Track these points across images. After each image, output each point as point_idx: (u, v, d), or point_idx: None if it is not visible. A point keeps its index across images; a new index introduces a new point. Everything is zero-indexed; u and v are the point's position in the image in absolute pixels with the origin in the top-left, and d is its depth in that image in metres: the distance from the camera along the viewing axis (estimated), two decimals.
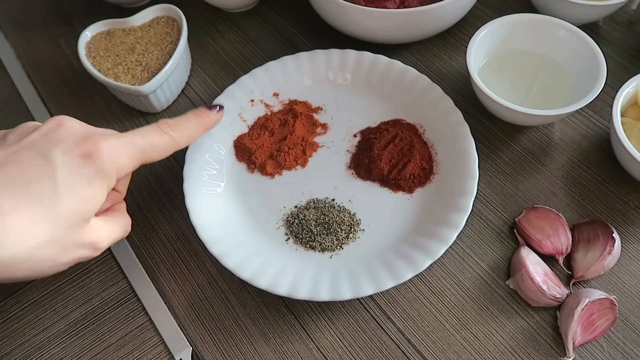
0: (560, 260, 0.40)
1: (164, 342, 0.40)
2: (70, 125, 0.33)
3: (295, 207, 0.44)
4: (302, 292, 0.38)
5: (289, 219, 0.43)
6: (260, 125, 0.48)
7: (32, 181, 0.30)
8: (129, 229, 0.38)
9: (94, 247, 0.33)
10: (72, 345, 0.40)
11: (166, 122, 0.37)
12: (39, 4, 0.62)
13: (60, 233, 0.31)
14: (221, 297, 0.41)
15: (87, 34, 0.51)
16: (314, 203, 0.43)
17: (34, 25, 0.60)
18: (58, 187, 0.30)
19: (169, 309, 0.41)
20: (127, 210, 0.39)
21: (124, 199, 0.39)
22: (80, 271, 0.43)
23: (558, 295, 0.38)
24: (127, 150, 0.34)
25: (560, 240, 0.40)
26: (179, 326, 0.40)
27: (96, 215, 0.34)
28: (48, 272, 0.32)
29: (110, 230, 0.35)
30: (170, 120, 0.37)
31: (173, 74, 0.49)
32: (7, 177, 0.30)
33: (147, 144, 0.35)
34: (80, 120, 0.35)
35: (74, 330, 0.40)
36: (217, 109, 0.42)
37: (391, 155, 0.45)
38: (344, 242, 0.42)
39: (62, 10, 0.61)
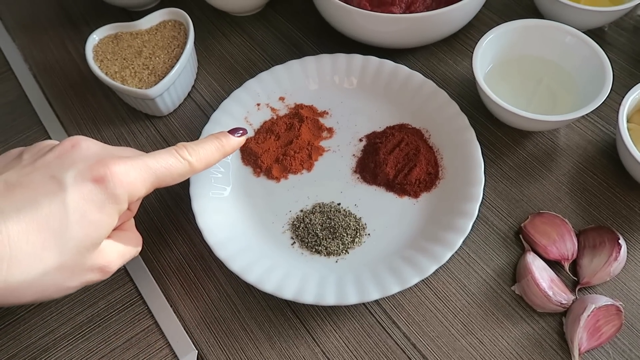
0: (566, 266, 0.40)
1: (169, 345, 0.40)
2: (85, 147, 0.33)
3: (301, 211, 0.44)
4: (308, 297, 0.38)
5: (295, 223, 0.43)
6: (266, 129, 0.48)
7: (42, 205, 0.29)
8: (140, 247, 0.37)
9: (103, 271, 0.33)
10: (78, 348, 0.40)
11: (184, 145, 0.36)
12: (46, 7, 0.63)
13: (69, 258, 0.30)
14: (227, 300, 0.41)
15: (95, 38, 0.51)
16: (320, 207, 0.44)
17: (42, 28, 0.61)
18: (68, 212, 0.30)
19: (175, 312, 0.41)
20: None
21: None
22: None
23: (564, 301, 0.38)
24: (140, 174, 0.33)
25: (566, 246, 0.40)
26: (184, 329, 0.40)
27: (107, 237, 0.34)
28: (54, 297, 0.32)
29: (120, 252, 0.34)
30: (189, 144, 0.36)
31: (180, 77, 0.49)
32: (17, 200, 0.29)
33: (163, 168, 0.34)
34: (88, 123, 0.35)
35: (80, 333, 0.41)
36: (240, 133, 0.40)
37: (397, 160, 0.45)
38: (349, 246, 0.42)
39: (69, 13, 0.62)
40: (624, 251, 0.40)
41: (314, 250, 0.42)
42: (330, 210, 0.43)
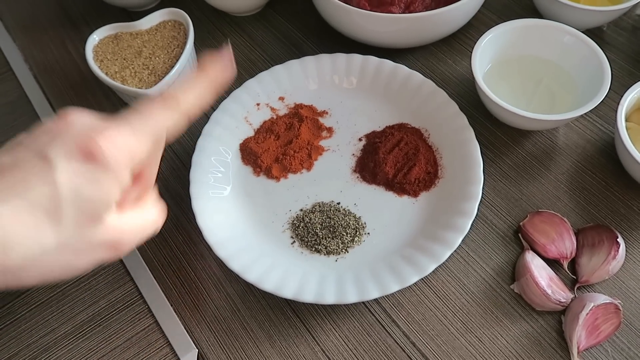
0: (565, 264, 0.40)
1: (169, 344, 0.40)
2: (74, 121, 0.30)
3: (301, 210, 0.44)
4: (308, 296, 0.38)
5: (295, 222, 0.43)
6: (266, 129, 0.48)
7: (32, 185, 0.28)
8: (161, 220, 0.34)
9: (114, 248, 0.30)
10: (79, 347, 0.40)
11: (171, 94, 0.32)
12: (46, 7, 0.63)
13: (69, 237, 0.29)
14: (227, 299, 0.42)
15: (95, 38, 0.51)
16: (320, 206, 0.44)
17: (42, 28, 0.61)
18: (60, 191, 0.28)
19: (175, 311, 0.41)
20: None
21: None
22: (87, 273, 0.43)
23: (563, 300, 0.38)
24: (132, 140, 0.30)
25: (564, 244, 0.41)
26: (184, 328, 0.40)
27: (119, 208, 0.31)
28: (64, 277, 0.30)
29: (134, 224, 0.32)
30: (177, 92, 0.32)
31: (179, 77, 0.49)
32: (8, 181, 0.28)
33: (155, 126, 0.31)
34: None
35: (80, 332, 0.41)
36: (223, 51, 0.34)
37: (396, 159, 0.45)
38: (349, 245, 0.42)
39: (69, 13, 0.62)
40: (622, 250, 0.40)
41: (313, 249, 0.42)
42: (330, 210, 0.43)
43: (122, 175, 0.30)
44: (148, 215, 0.33)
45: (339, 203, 0.44)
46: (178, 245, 0.44)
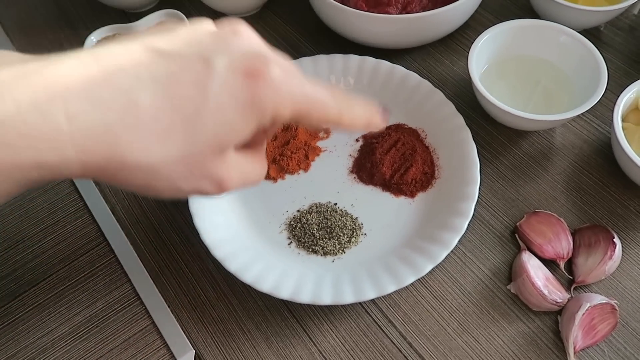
0: (562, 264, 0.40)
1: (167, 345, 0.40)
2: (246, 36, 0.28)
3: (298, 211, 0.44)
4: (305, 296, 0.38)
5: (292, 223, 0.43)
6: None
7: (182, 84, 0.26)
8: (263, 177, 0.32)
9: (220, 185, 0.28)
10: (76, 348, 0.40)
11: (337, 91, 0.31)
12: (44, 9, 0.63)
13: (192, 153, 0.26)
14: (224, 300, 0.42)
15: (93, 39, 0.51)
16: (317, 207, 0.44)
17: (40, 30, 0.61)
18: (207, 101, 0.26)
19: (172, 312, 0.41)
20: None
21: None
22: (84, 274, 0.43)
23: (559, 300, 0.38)
24: (295, 91, 0.28)
25: (561, 244, 0.41)
26: (182, 329, 0.41)
27: (241, 147, 0.29)
28: (161, 193, 0.28)
29: (243, 171, 0.30)
30: (345, 95, 0.31)
31: None
32: (158, 71, 0.25)
33: (318, 102, 0.29)
34: None
35: (78, 333, 0.41)
36: (384, 114, 0.34)
37: (393, 160, 0.45)
38: (346, 246, 0.42)
39: (67, 15, 0.62)
40: (618, 250, 0.40)
41: (310, 250, 0.42)
42: (327, 210, 0.43)
43: (265, 117, 0.27)
44: (256, 167, 0.31)
45: (336, 204, 0.44)
46: (175, 246, 0.44)
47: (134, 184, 0.27)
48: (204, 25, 0.29)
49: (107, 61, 0.25)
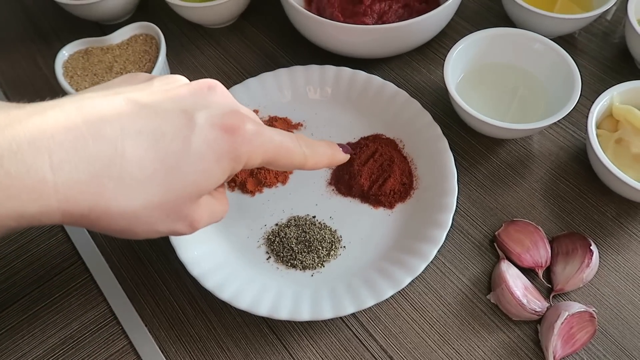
0: (540, 273, 0.40)
1: None
2: (221, 92, 0.31)
3: (276, 224, 0.43)
4: (283, 313, 0.38)
5: (270, 237, 0.43)
6: None
7: (166, 136, 0.27)
8: (225, 214, 0.35)
9: (191, 225, 0.30)
10: None
11: (301, 136, 0.34)
12: (16, 22, 0.62)
13: (171, 200, 0.28)
14: (202, 317, 0.41)
15: (64, 54, 0.50)
16: (295, 220, 0.43)
17: (12, 43, 0.60)
18: (189, 152, 0.28)
19: (150, 332, 0.41)
20: None
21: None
22: (59, 294, 0.42)
23: (538, 309, 0.38)
24: (265, 142, 0.31)
25: (539, 253, 0.41)
26: (159, 349, 0.40)
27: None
28: (139, 237, 0.29)
29: (212, 211, 0.32)
30: (307, 138, 0.35)
31: None
32: (142, 123, 0.27)
33: (284, 148, 0.32)
34: None
35: (52, 356, 0.40)
36: (345, 149, 0.38)
37: (371, 171, 0.45)
38: (325, 259, 0.41)
39: (40, 28, 0.61)
40: (596, 257, 0.40)
41: (289, 264, 0.41)
42: (306, 224, 0.43)
43: (239, 165, 0.30)
44: (222, 205, 0.34)
45: (314, 217, 0.44)
46: (152, 263, 0.44)
47: (114, 230, 0.28)
48: (177, 77, 0.32)
49: (91, 113, 0.26)
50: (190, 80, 0.32)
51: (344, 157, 0.38)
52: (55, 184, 0.24)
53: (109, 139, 0.26)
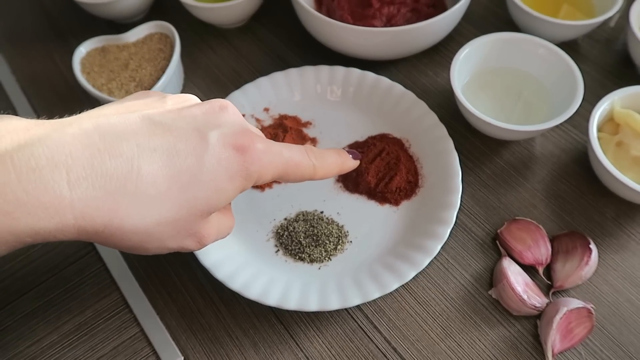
0: (541, 270, 0.42)
1: (155, 352, 0.40)
2: (232, 112, 0.32)
3: (285, 219, 0.45)
4: (291, 303, 0.39)
5: (279, 231, 0.44)
6: None
7: (180, 154, 0.28)
8: (232, 230, 0.36)
9: (200, 242, 0.31)
10: (65, 357, 0.40)
11: (310, 148, 0.35)
12: (34, 19, 0.64)
13: (183, 217, 0.29)
14: (212, 307, 0.42)
15: (82, 50, 0.52)
16: (303, 215, 0.45)
17: (29, 40, 0.61)
18: (202, 170, 0.29)
19: (161, 320, 0.42)
20: None
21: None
22: (73, 282, 0.44)
23: (538, 305, 0.39)
24: (274, 160, 0.32)
25: (540, 251, 0.42)
26: (170, 337, 0.41)
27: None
28: (150, 252, 0.30)
29: (220, 228, 0.33)
30: (315, 149, 0.36)
31: (166, 89, 0.50)
32: (156, 141, 0.28)
33: (293, 162, 0.33)
34: None
35: (67, 341, 0.41)
36: (354, 155, 0.39)
37: (378, 169, 0.46)
38: (332, 253, 0.43)
39: (56, 26, 0.62)
40: (595, 255, 0.41)
41: (297, 257, 0.43)
42: (314, 219, 0.44)
43: (250, 183, 0.31)
44: (229, 221, 0.35)
45: (322, 212, 0.45)
46: (164, 254, 0.45)
47: (126, 246, 0.29)
48: (188, 97, 0.33)
49: (107, 130, 0.27)
50: (203, 92, 0.33)
51: (353, 164, 0.39)
52: (72, 200, 0.25)
53: (126, 156, 0.27)
